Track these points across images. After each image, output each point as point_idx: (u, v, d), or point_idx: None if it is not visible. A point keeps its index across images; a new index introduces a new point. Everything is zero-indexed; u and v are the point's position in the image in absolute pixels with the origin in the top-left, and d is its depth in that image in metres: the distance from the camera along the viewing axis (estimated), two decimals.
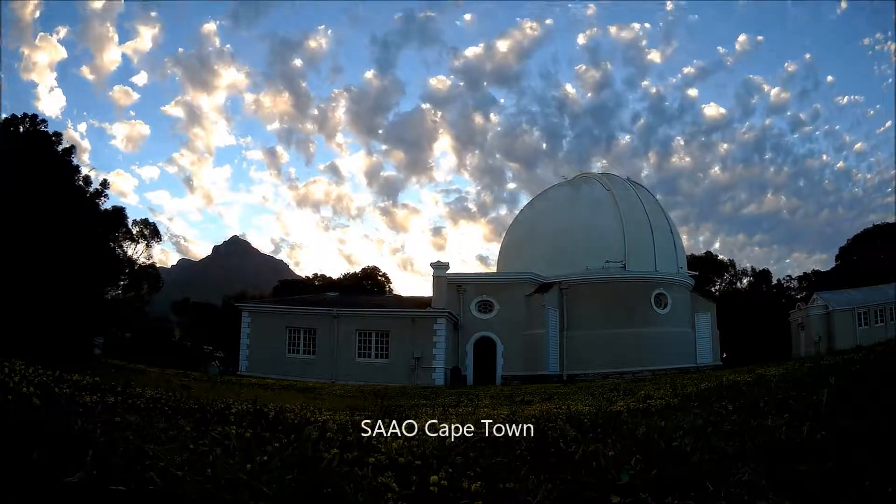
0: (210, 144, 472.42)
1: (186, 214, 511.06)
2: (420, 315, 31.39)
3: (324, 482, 2.84)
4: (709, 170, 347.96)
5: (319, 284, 60.17)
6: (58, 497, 2.35)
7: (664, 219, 39.02)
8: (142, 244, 33.49)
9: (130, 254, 32.91)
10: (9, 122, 24.57)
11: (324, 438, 4.29)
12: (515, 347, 32.99)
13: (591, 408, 9.04)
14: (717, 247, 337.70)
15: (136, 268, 33.42)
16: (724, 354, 41.77)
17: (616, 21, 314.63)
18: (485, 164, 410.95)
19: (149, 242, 33.85)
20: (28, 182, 20.62)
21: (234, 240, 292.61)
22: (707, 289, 54.67)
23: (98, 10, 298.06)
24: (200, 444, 3.45)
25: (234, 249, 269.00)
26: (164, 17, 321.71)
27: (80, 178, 25.94)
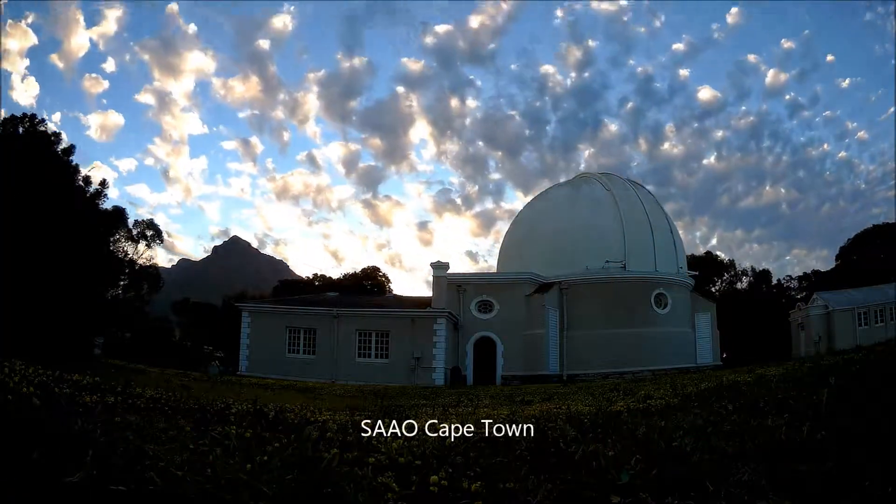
0: (183, 134, 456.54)
1: (167, 209, 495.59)
2: (420, 315, 31.39)
3: (324, 482, 2.84)
4: (703, 159, 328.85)
5: (319, 284, 60.18)
6: (58, 497, 2.35)
7: (664, 219, 39.02)
8: (142, 244, 33.49)
9: (131, 254, 32.91)
10: (8, 122, 24.56)
11: (324, 438, 4.29)
12: (515, 347, 32.98)
13: (591, 408, 9.04)
14: (715, 242, 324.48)
15: (136, 268, 33.42)
16: (724, 354, 41.78)
17: None
18: (466, 153, 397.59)
19: (149, 243, 33.84)
20: (28, 182, 20.62)
21: (235, 240, 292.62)
22: (707, 289, 54.67)
23: None
24: (200, 444, 3.45)
25: (234, 249, 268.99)
26: None
27: (80, 179, 25.93)
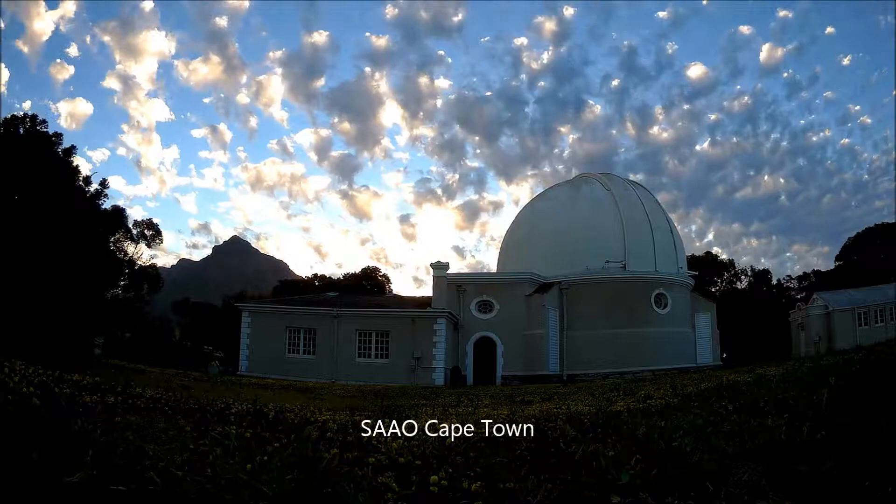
0: (151, 121, 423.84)
1: (143, 201, 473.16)
2: (420, 315, 31.38)
3: (324, 482, 2.84)
4: (695, 144, 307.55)
5: (319, 284, 60.17)
6: (58, 497, 2.35)
7: (664, 219, 39.03)
8: (142, 244, 33.45)
9: (131, 254, 32.88)
10: (9, 123, 24.56)
11: (324, 438, 4.29)
12: (515, 347, 32.98)
13: (591, 408, 9.05)
14: (711, 238, 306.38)
15: (136, 268, 33.37)
16: (724, 354, 41.79)
17: None
18: (441, 139, 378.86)
19: (149, 243, 33.79)
20: (28, 183, 20.62)
21: (235, 240, 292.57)
22: (707, 289, 54.64)
23: None
24: (200, 444, 3.45)
25: (234, 249, 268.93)
26: None
27: (81, 179, 25.93)
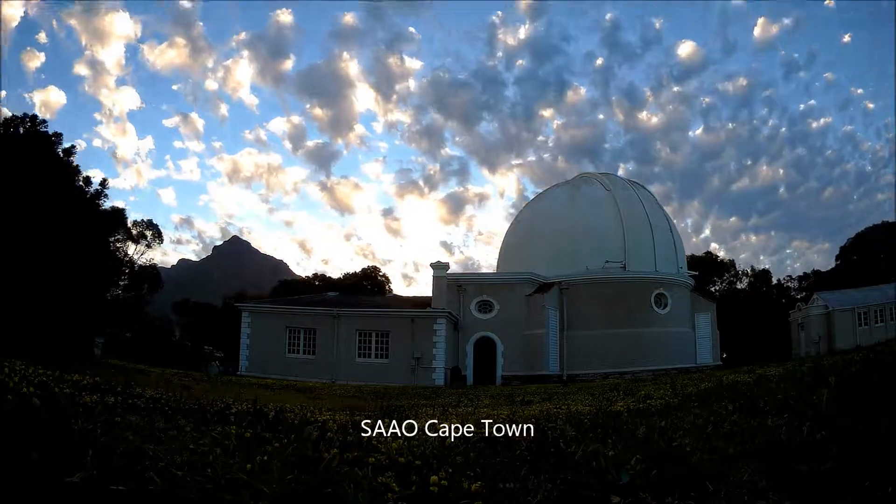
0: (123, 110, 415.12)
1: (125, 195, 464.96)
2: (420, 315, 31.38)
3: (324, 482, 2.84)
4: (688, 129, 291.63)
5: (319, 284, 60.17)
6: (58, 497, 2.35)
7: (664, 219, 39.03)
8: (142, 244, 33.48)
9: (131, 254, 32.91)
10: (8, 122, 24.56)
11: (324, 438, 4.29)
12: (515, 347, 32.97)
13: (591, 408, 9.05)
14: (708, 233, 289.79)
15: (136, 268, 33.40)
16: (724, 354, 41.78)
17: None
18: (418, 125, 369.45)
19: (149, 243, 33.83)
20: (28, 183, 20.62)
21: (234, 240, 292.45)
22: (707, 289, 54.64)
23: None
24: (200, 444, 3.44)
25: (234, 249, 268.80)
26: None
27: (81, 179, 25.94)
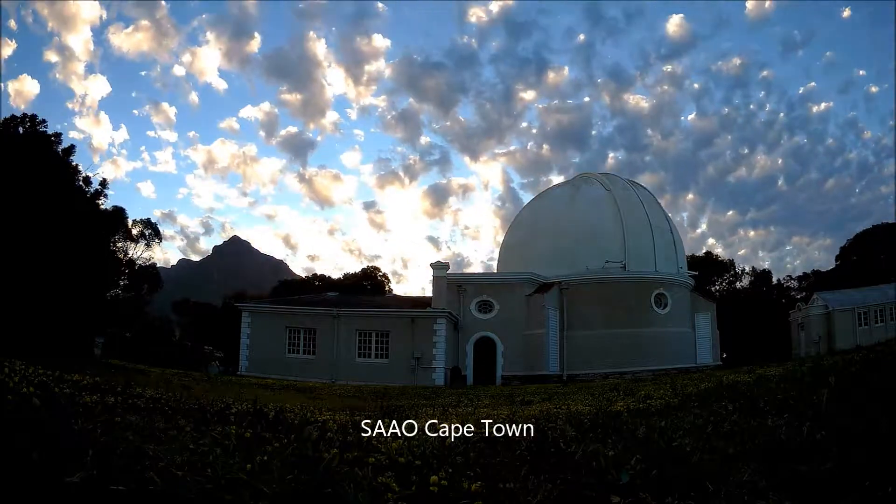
0: (94, 99, 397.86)
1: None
2: (420, 315, 31.37)
3: (324, 482, 2.84)
4: (680, 114, 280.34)
5: (319, 284, 60.18)
6: (58, 497, 2.34)
7: (664, 219, 39.03)
8: (142, 244, 33.47)
9: (131, 254, 32.91)
10: (8, 123, 24.56)
11: (324, 438, 4.28)
12: (515, 347, 32.97)
13: (591, 408, 9.05)
14: (705, 227, 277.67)
15: (136, 268, 33.40)
16: (724, 354, 41.77)
17: None
18: (393, 110, 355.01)
19: (149, 243, 33.82)
20: (28, 183, 20.61)
21: (235, 240, 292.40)
22: (707, 289, 54.65)
23: None
24: (200, 444, 3.44)
25: (234, 249, 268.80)
26: None
27: (80, 179, 25.94)
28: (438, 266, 33.23)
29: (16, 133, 24.25)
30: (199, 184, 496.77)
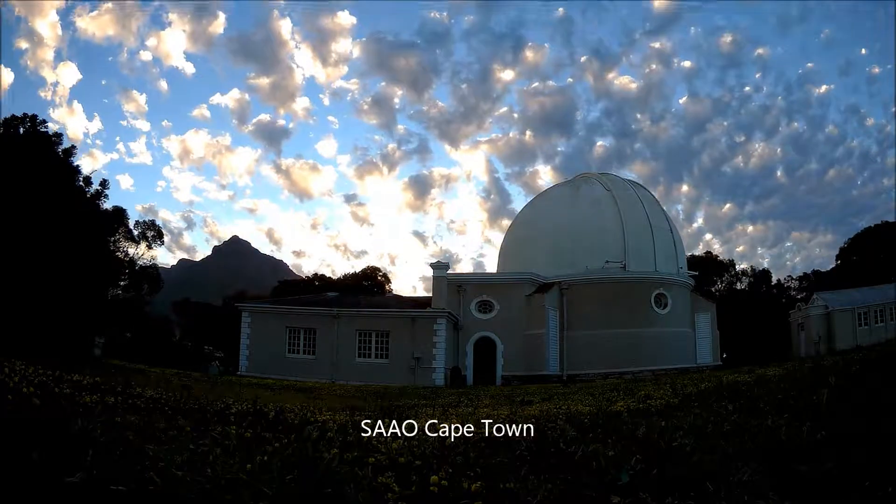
0: (65, 87, 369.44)
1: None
2: (420, 315, 31.37)
3: (324, 482, 2.84)
4: (670, 97, 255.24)
5: (319, 284, 60.18)
6: (58, 497, 2.35)
7: (664, 219, 39.04)
8: (143, 244, 33.45)
9: (131, 254, 32.89)
10: (8, 123, 24.57)
11: (324, 438, 4.29)
12: (515, 347, 32.97)
13: (591, 408, 9.05)
14: (702, 222, 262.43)
15: (137, 268, 33.38)
16: (724, 354, 41.76)
17: None
18: (366, 93, 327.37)
19: (150, 243, 33.80)
20: (28, 183, 20.62)
21: (235, 240, 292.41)
22: (707, 289, 54.64)
23: None
24: (200, 444, 3.44)
25: (234, 249, 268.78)
26: None
27: (81, 179, 25.95)
28: (438, 266, 33.23)
29: (16, 133, 24.26)
30: (177, 176, 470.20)
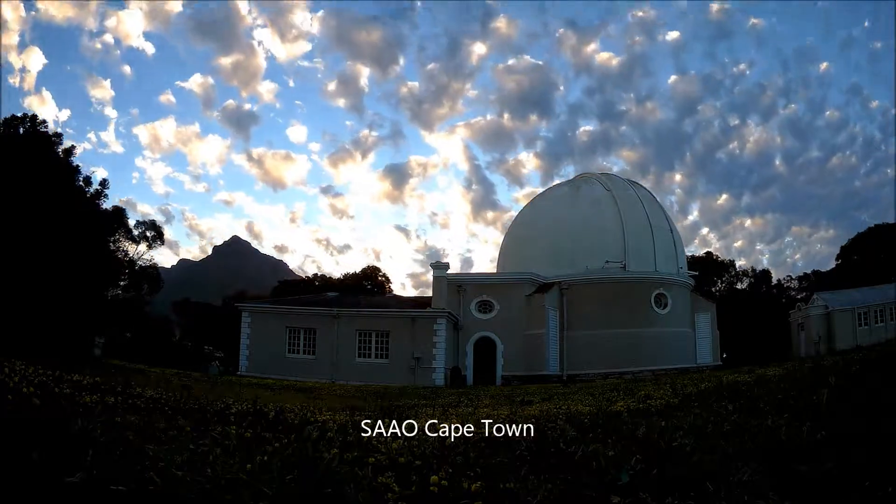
0: (33, 74, 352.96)
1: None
2: (420, 315, 31.37)
3: (324, 482, 2.84)
4: (656, 74, 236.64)
5: (319, 284, 60.18)
6: (58, 497, 2.34)
7: (664, 219, 39.06)
8: (142, 244, 33.47)
9: (131, 254, 32.90)
10: (8, 123, 24.56)
11: (324, 438, 4.29)
12: (515, 347, 32.97)
13: (591, 408, 9.05)
14: (697, 215, 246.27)
15: (137, 268, 33.39)
16: (724, 354, 41.77)
17: None
18: (330, 72, 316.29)
19: (150, 243, 33.81)
20: (28, 183, 20.62)
21: (235, 240, 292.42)
22: (707, 289, 54.64)
23: None
24: (200, 444, 3.44)
25: (234, 249, 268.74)
26: None
27: (81, 179, 25.94)
28: (438, 266, 33.26)
29: (16, 133, 24.26)
30: (149, 166, 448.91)
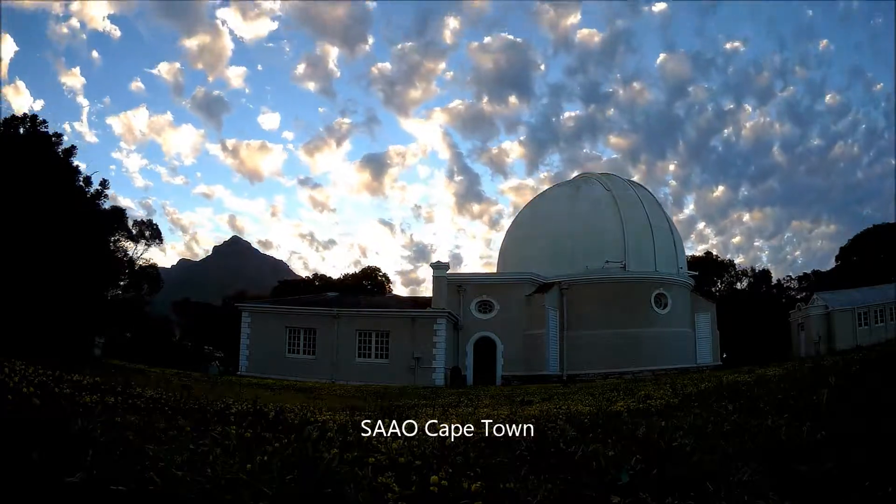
0: (4, 62, 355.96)
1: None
2: (420, 315, 31.38)
3: (324, 482, 2.84)
4: (642, 51, 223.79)
5: (319, 284, 60.19)
6: (58, 497, 2.34)
7: (664, 219, 39.07)
8: (142, 244, 33.51)
9: (131, 254, 32.94)
10: (8, 123, 24.56)
11: (324, 438, 4.29)
12: (515, 347, 32.98)
13: (591, 408, 9.05)
14: (693, 209, 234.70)
15: (136, 268, 33.42)
16: (724, 354, 41.78)
17: None
18: (297, 54, 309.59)
19: (149, 243, 33.85)
20: (28, 183, 20.62)
21: (235, 240, 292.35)
22: (707, 289, 54.64)
23: None
24: (200, 444, 3.44)
25: (234, 249, 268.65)
26: None
27: (80, 179, 25.94)
28: (438, 266, 33.25)
29: (16, 133, 24.25)
30: (125, 158, 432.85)
